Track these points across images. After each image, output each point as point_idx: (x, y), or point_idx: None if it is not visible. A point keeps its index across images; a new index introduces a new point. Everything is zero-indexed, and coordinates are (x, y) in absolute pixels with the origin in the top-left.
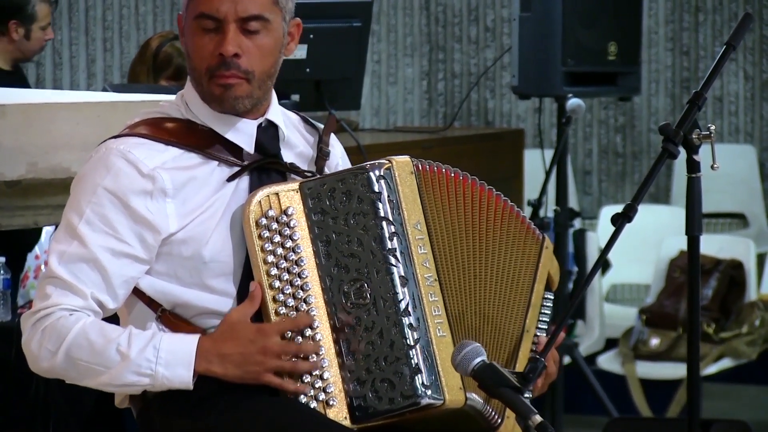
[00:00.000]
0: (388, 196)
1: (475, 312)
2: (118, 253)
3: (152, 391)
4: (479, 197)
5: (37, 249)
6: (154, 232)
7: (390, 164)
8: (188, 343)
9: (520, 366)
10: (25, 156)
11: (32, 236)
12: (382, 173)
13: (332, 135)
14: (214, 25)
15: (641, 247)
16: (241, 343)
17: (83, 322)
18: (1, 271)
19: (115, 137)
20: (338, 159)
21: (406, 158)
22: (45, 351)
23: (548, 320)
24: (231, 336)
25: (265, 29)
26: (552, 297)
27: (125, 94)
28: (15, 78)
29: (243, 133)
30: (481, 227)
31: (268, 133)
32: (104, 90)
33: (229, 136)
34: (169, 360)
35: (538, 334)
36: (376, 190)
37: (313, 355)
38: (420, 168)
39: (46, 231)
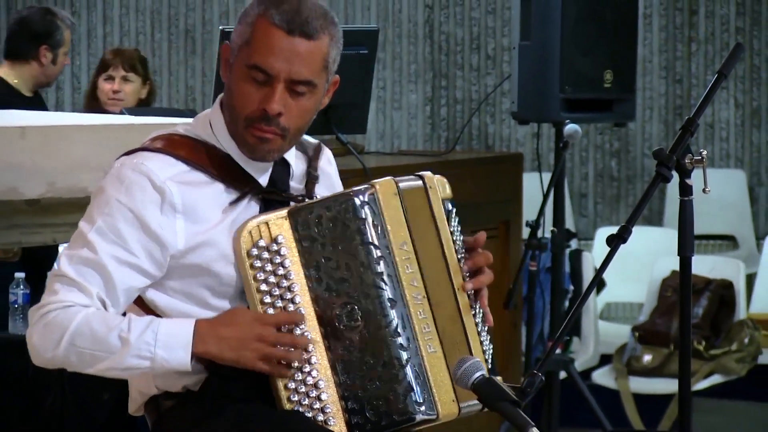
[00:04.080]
0: (373, 221)
1: (458, 320)
2: (124, 263)
3: (167, 402)
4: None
5: None
6: (162, 248)
7: (373, 189)
8: (186, 325)
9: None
10: (44, 176)
11: (49, 253)
12: (366, 199)
13: (329, 154)
14: (263, 79)
15: (635, 268)
16: (239, 328)
17: (85, 312)
18: (21, 287)
19: (128, 153)
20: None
21: (388, 180)
22: (48, 342)
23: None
24: (230, 321)
25: (310, 93)
26: None
27: (141, 117)
28: (36, 104)
29: (259, 167)
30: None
31: (281, 170)
32: (121, 113)
33: (246, 167)
34: (167, 342)
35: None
36: (361, 216)
37: (304, 351)
38: (403, 187)
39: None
